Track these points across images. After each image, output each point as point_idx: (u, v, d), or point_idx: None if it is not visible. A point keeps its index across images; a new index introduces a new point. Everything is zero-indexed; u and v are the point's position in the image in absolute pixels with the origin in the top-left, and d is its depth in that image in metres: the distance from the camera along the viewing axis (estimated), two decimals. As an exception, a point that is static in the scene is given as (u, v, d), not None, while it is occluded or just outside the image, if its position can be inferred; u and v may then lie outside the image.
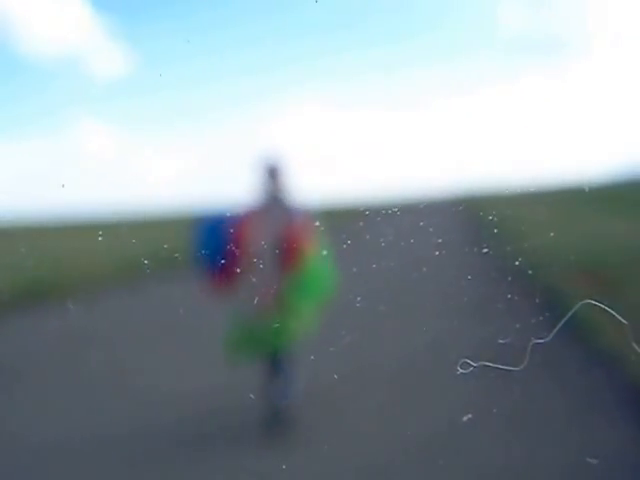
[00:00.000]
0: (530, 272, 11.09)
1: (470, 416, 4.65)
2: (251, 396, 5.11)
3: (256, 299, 4.74)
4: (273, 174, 5.29)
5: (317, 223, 5.27)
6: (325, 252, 5.08)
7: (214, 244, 4.80)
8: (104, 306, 10.97)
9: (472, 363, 1.77)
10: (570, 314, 1.88)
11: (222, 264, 4.74)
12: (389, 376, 6.21)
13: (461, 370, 1.84)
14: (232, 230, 4.92)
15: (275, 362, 5.32)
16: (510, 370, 1.88)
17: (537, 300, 9.68)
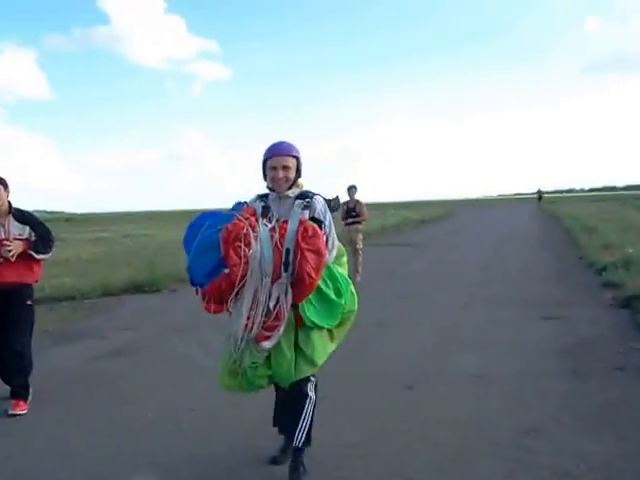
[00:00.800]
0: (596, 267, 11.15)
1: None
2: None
3: (257, 320, 3.71)
4: (278, 159, 3.96)
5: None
6: (345, 262, 4.21)
7: (203, 249, 3.79)
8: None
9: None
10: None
11: (215, 273, 3.74)
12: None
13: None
14: (226, 232, 3.74)
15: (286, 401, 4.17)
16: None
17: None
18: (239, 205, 4.03)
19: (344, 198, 13.80)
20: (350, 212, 13.59)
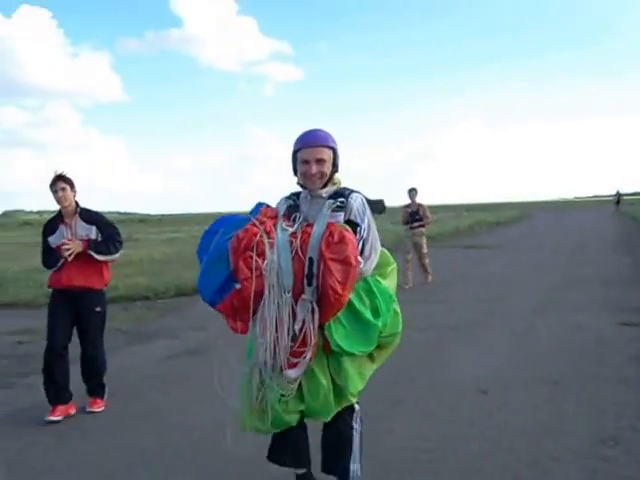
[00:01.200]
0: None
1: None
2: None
3: (282, 345, 3.14)
4: (310, 151, 3.32)
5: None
6: (388, 274, 3.49)
7: (217, 257, 3.36)
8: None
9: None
10: None
11: (225, 289, 3.29)
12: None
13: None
14: (236, 240, 3.21)
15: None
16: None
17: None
18: (258, 207, 3.44)
19: (405, 201, 13.71)
20: (414, 216, 13.50)
